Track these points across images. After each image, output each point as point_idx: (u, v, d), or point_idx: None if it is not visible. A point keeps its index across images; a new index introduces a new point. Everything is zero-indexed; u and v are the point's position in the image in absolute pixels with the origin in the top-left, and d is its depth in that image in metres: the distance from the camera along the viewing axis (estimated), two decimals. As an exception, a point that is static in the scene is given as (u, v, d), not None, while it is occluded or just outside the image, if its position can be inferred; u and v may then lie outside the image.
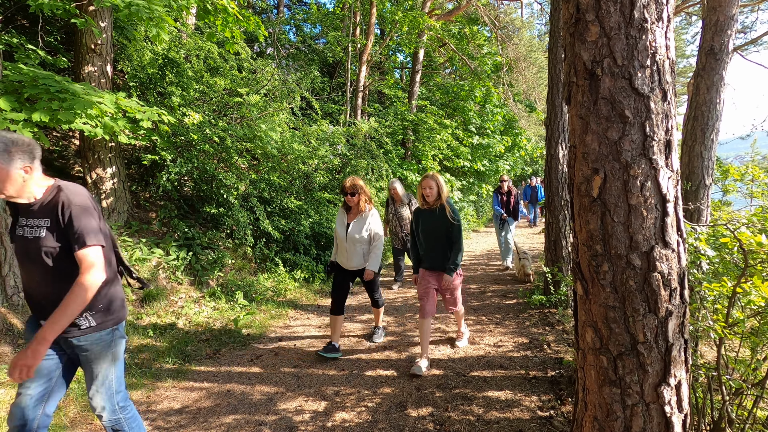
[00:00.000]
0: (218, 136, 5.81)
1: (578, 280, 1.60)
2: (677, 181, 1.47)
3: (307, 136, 7.71)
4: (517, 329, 4.52)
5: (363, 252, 3.79)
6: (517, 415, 2.88)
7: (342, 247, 3.84)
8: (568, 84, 1.54)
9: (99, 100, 3.68)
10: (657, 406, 1.49)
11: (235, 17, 5.31)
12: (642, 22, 1.36)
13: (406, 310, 5.31)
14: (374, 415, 2.90)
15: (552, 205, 5.04)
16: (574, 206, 1.58)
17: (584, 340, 1.61)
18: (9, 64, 3.70)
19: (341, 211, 3.90)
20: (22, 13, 5.83)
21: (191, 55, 6.70)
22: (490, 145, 13.83)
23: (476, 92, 13.46)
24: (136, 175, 5.98)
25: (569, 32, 1.49)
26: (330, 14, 13.50)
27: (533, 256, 8.72)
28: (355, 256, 3.79)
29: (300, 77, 9.55)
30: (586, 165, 1.48)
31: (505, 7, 17.26)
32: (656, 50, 1.37)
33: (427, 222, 3.51)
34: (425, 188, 3.43)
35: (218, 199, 6.04)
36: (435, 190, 3.45)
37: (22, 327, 3.60)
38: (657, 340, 1.46)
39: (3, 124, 3.14)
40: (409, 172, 11.31)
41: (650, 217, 1.41)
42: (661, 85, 1.39)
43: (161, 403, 3.07)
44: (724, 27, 3.54)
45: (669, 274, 1.43)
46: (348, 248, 3.76)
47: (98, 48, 4.82)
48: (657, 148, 1.39)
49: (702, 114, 3.67)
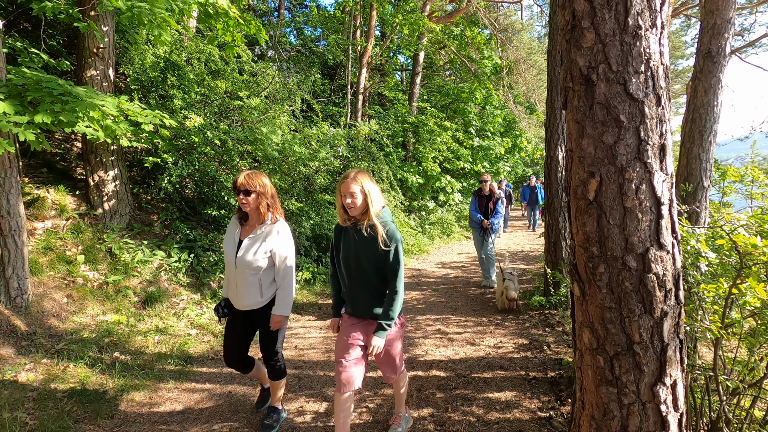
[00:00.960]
0: (219, 139, 5.85)
1: (575, 282, 1.63)
2: (672, 184, 1.49)
3: (308, 138, 7.75)
4: (517, 330, 4.54)
5: (261, 286, 2.57)
6: (517, 415, 2.91)
7: (230, 275, 2.61)
8: (564, 89, 1.57)
9: (101, 103, 3.71)
10: (653, 406, 1.51)
11: (236, 21, 5.35)
12: (636, 29, 1.39)
13: (406, 311, 5.33)
14: (375, 416, 2.92)
15: (552, 206, 5.07)
16: (571, 209, 1.60)
17: (581, 340, 1.64)
18: (12, 67, 3.74)
19: (233, 221, 2.65)
20: (25, 16, 5.88)
21: (192, 58, 6.75)
22: (490, 146, 13.87)
23: (476, 94, 13.51)
24: (137, 178, 6.01)
25: (565, 38, 1.52)
26: (330, 17, 13.56)
27: (534, 257, 8.75)
28: (247, 291, 2.55)
29: (301, 80, 9.60)
30: (583, 168, 1.50)
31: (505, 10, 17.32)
32: (650, 56, 1.40)
33: (350, 247, 2.32)
34: (345, 195, 2.22)
35: (219, 201, 6.08)
36: (360, 198, 2.23)
37: (25, 329, 3.63)
38: (652, 341, 1.48)
39: (6, 127, 3.17)
40: (409, 174, 11.35)
41: (645, 220, 1.44)
42: (655, 91, 1.42)
43: (163, 405, 3.09)
44: (722, 30, 3.57)
45: (664, 276, 1.46)
46: (237, 278, 2.54)
47: (100, 51, 4.86)
48: (651, 152, 1.42)
49: (700, 116, 3.69)
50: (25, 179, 4.85)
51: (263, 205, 2.53)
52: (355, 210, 2.25)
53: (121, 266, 4.68)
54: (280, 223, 2.60)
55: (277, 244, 2.55)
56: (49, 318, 3.85)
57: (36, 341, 3.56)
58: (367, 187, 2.25)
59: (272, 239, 2.54)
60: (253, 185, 2.48)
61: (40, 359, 3.38)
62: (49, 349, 3.52)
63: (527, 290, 6.00)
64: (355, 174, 2.26)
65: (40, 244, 4.37)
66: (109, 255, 4.75)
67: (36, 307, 3.85)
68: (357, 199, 2.23)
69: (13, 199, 3.71)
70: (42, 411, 2.85)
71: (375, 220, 2.26)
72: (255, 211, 2.54)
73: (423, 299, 5.86)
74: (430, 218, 11.80)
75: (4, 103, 3.24)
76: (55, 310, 3.96)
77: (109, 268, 4.66)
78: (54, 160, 5.54)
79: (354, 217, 2.31)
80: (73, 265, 4.41)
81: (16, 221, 3.72)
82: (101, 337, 3.84)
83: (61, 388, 3.11)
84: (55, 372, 3.28)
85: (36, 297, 3.92)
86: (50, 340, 3.65)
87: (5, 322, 3.57)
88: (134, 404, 3.06)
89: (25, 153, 5.09)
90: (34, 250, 4.28)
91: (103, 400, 3.05)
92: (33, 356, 3.39)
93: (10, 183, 3.69)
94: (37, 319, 3.77)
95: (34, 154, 5.23)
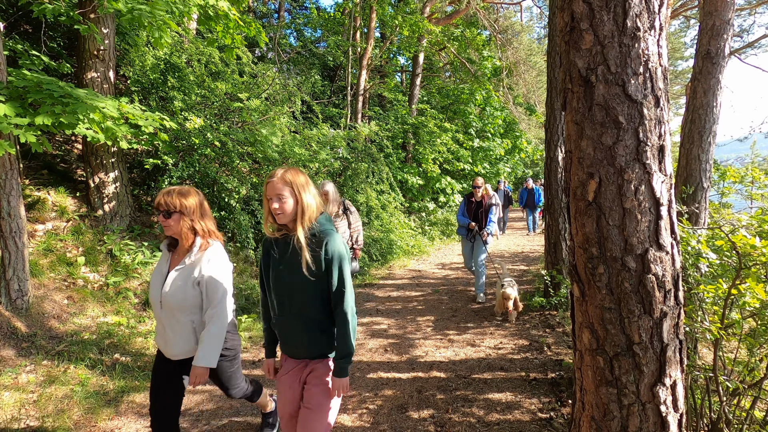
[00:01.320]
0: (219, 140, 5.86)
1: (575, 282, 1.63)
2: (671, 185, 1.50)
3: (308, 139, 7.76)
4: (518, 331, 4.54)
5: (195, 329, 2.07)
6: (518, 416, 2.91)
7: (157, 317, 2.11)
8: (563, 90, 1.57)
9: (102, 105, 3.72)
10: (653, 406, 1.51)
11: (236, 23, 5.36)
12: (635, 30, 1.39)
13: (407, 312, 5.33)
14: (375, 417, 2.92)
15: (552, 207, 5.07)
16: (571, 210, 1.61)
17: (581, 341, 1.64)
18: (13, 69, 3.75)
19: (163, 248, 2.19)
20: (26, 18, 5.89)
21: (193, 59, 6.76)
22: (490, 148, 13.89)
23: (476, 95, 13.54)
24: (138, 179, 6.02)
25: (564, 40, 1.53)
26: (330, 18, 13.60)
27: (534, 258, 8.75)
28: (176, 335, 2.06)
29: (301, 81, 9.62)
30: (582, 169, 1.51)
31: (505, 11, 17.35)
32: (649, 58, 1.41)
33: (280, 266, 1.84)
34: (272, 198, 1.76)
35: (220, 203, 6.08)
36: (290, 202, 1.77)
37: (26, 330, 3.63)
38: (652, 341, 1.48)
39: (7, 129, 3.18)
40: (409, 176, 11.36)
41: (644, 221, 1.44)
42: (653, 92, 1.42)
43: (164, 406, 3.09)
44: (720, 31, 3.58)
45: (663, 276, 1.46)
46: (164, 319, 2.07)
47: (101, 54, 4.88)
48: (650, 153, 1.43)
49: (699, 117, 3.70)
50: (25, 181, 4.85)
51: (186, 227, 2.04)
52: (284, 217, 1.77)
53: (122, 268, 4.69)
54: (212, 249, 2.08)
55: (206, 275, 2.03)
56: (49, 320, 3.86)
57: (36, 343, 3.56)
58: (298, 187, 1.78)
59: (201, 268, 2.04)
60: (174, 204, 2.01)
61: (41, 361, 3.38)
62: (50, 351, 3.52)
63: (527, 291, 6.00)
64: (283, 172, 1.78)
65: (40, 245, 4.38)
66: (110, 256, 4.76)
67: (36, 308, 3.86)
68: (286, 204, 1.75)
69: (14, 201, 3.72)
70: (42, 412, 2.85)
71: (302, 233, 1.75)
72: (180, 235, 2.07)
73: (423, 300, 5.86)
74: (431, 219, 11.81)
75: (5, 105, 3.25)
76: (56, 311, 3.96)
77: (110, 269, 4.66)
78: (54, 161, 5.55)
79: (285, 226, 1.83)
80: (73, 266, 4.41)
81: (16, 223, 3.73)
82: (101, 338, 3.84)
83: (62, 390, 3.11)
84: (55, 373, 3.28)
85: (36, 299, 3.93)
86: (51, 341, 3.65)
87: (6, 323, 3.57)
88: (134, 406, 3.06)
89: (25, 155, 5.09)
90: (35, 251, 4.29)
91: (103, 402, 3.05)
92: (33, 358, 3.39)
93: (10, 185, 3.69)
94: (37, 321, 3.78)
95: (34, 156, 5.24)
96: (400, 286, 6.72)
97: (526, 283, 6.58)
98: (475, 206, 5.54)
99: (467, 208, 5.60)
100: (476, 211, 5.48)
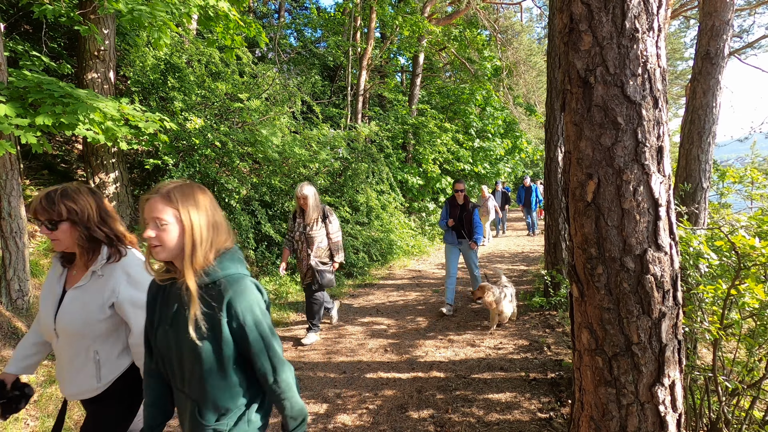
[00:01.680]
0: (220, 141, 5.87)
1: (574, 283, 1.64)
2: (669, 185, 1.50)
3: (308, 140, 7.77)
4: (518, 331, 4.54)
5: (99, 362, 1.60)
6: (517, 416, 2.91)
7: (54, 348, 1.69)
8: (562, 91, 1.58)
9: (102, 106, 3.73)
10: (651, 406, 1.52)
11: (236, 24, 5.37)
12: (633, 31, 1.40)
13: (407, 312, 5.34)
14: (375, 417, 2.93)
15: (552, 207, 5.08)
16: (570, 210, 1.61)
17: (580, 341, 1.64)
18: (14, 70, 3.76)
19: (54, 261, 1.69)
20: (26, 19, 5.90)
21: (193, 60, 6.77)
22: (490, 148, 13.89)
23: (477, 96, 13.54)
24: (138, 179, 6.03)
25: (563, 41, 1.53)
26: (331, 19, 13.61)
27: (534, 258, 8.75)
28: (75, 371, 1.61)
29: (301, 81, 9.63)
30: (581, 170, 1.51)
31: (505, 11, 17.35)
32: (647, 59, 1.41)
33: (168, 322, 1.30)
34: (148, 222, 1.24)
35: (220, 203, 6.09)
36: (173, 233, 1.24)
37: (26, 330, 3.63)
38: (651, 341, 1.49)
39: (8, 129, 3.18)
40: (409, 176, 11.37)
41: (643, 221, 1.45)
42: (652, 93, 1.42)
43: (164, 406, 3.10)
44: (720, 32, 3.58)
45: (662, 277, 1.47)
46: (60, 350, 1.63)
47: (101, 54, 4.88)
48: (649, 154, 1.43)
49: (698, 117, 3.70)
50: (26, 181, 4.86)
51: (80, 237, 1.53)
52: (162, 252, 1.24)
53: (122, 268, 4.68)
54: (128, 258, 1.61)
55: (125, 292, 1.56)
56: (50, 320, 3.86)
57: (37, 343, 3.56)
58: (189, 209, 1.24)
59: (115, 286, 1.56)
60: (58, 212, 1.50)
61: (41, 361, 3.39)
62: (50, 351, 3.52)
63: (527, 291, 6.01)
64: (170, 188, 1.25)
65: (41, 246, 4.38)
66: (110, 257, 4.76)
67: (37, 308, 3.86)
68: (167, 233, 1.23)
69: (15, 201, 3.72)
70: (43, 412, 2.86)
71: (191, 279, 1.22)
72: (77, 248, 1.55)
73: (423, 300, 5.86)
74: (431, 219, 11.82)
75: (6, 106, 3.25)
76: (56, 311, 3.97)
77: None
78: (55, 162, 5.56)
79: (171, 264, 1.31)
80: (73, 266, 4.42)
81: (17, 223, 3.73)
82: (102, 338, 3.84)
83: (62, 390, 3.11)
84: (55, 374, 3.28)
85: (37, 299, 3.93)
86: (51, 341, 3.66)
87: (6, 323, 3.57)
88: (135, 406, 3.06)
89: (26, 155, 5.10)
90: (35, 252, 4.29)
91: (103, 402, 3.06)
92: (34, 358, 3.40)
93: (11, 185, 3.70)
94: (38, 321, 3.78)
95: (35, 156, 5.25)
96: (400, 286, 6.73)
97: (526, 283, 6.58)
98: (459, 210, 5.19)
99: (450, 213, 5.24)
100: (460, 215, 5.17)
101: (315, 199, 4.11)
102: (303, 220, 4.12)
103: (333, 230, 4.22)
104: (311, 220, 4.10)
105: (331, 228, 4.20)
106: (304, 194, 4.02)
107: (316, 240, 4.11)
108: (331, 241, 4.22)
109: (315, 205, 4.10)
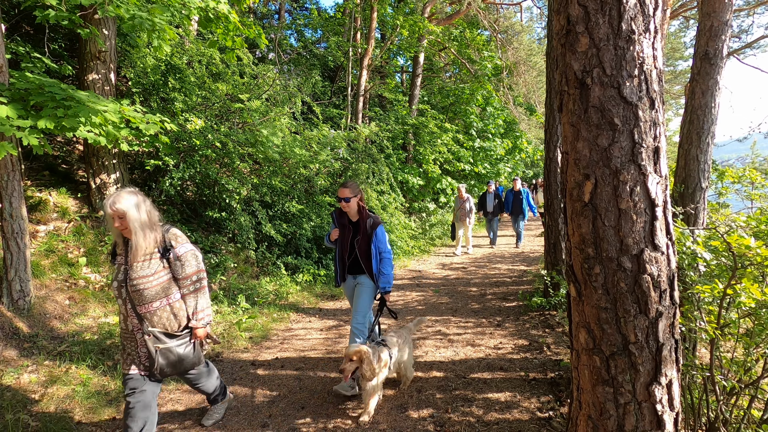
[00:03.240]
0: (220, 141, 5.88)
1: (572, 283, 1.65)
2: (666, 186, 1.51)
3: (309, 140, 7.78)
4: (517, 331, 4.55)
5: None
6: (517, 416, 2.92)
7: None
8: (560, 92, 1.59)
9: (103, 109, 3.74)
10: (649, 405, 1.53)
11: (236, 25, 5.38)
12: (630, 33, 1.41)
13: (407, 312, 5.35)
14: (375, 417, 2.94)
15: (551, 208, 5.08)
16: (567, 210, 1.62)
17: (578, 340, 1.66)
18: (15, 72, 3.77)
19: None
20: (27, 20, 5.92)
21: (193, 61, 6.78)
22: (491, 148, 13.90)
23: (477, 96, 13.55)
24: (139, 180, 6.04)
25: (561, 43, 1.55)
26: (331, 19, 13.63)
27: (534, 258, 8.75)
28: None
29: (301, 82, 9.63)
30: (578, 171, 1.52)
31: (505, 12, 17.35)
32: (644, 60, 1.42)
33: None
34: None
35: (220, 204, 6.11)
36: None
37: (27, 330, 3.65)
38: (648, 341, 1.50)
39: (9, 131, 3.19)
40: (410, 176, 11.38)
41: (640, 221, 1.46)
42: (648, 94, 1.44)
43: (165, 406, 3.11)
44: (718, 32, 3.58)
45: (659, 276, 1.48)
46: None
47: (102, 55, 4.90)
48: (645, 155, 1.44)
49: (697, 118, 3.71)
50: (27, 182, 4.88)
51: None
52: None
53: (123, 268, 4.70)
54: None
55: None
56: (51, 320, 3.88)
57: (38, 343, 3.58)
58: None
59: None
60: None
61: (43, 361, 3.40)
62: (51, 351, 3.54)
63: (527, 291, 6.01)
64: None
65: (42, 246, 4.40)
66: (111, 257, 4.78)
67: (38, 309, 3.88)
68: None
69: (16, 202, 3.74)
70: (44, 412, 2.87)
71: None
72: None
73: (423, 300, 5.87)
74: (431, 220, 11.82)
75: (7, 107, 3.27)
76: (57, 312, 3.98)
77: (111, 270, 4.68)
78: (56, 163, 5.57)
79: None
80: (75, 267, 4.43)
81: (18, 224, 3.75)
82: (103, 339, 3.86)
83: (63, 390, 3.13)
84: (57, 374, 3.30)
85: (38, 299, 3.95)
86: (52, 342, 3.67)
87: (8, 324, 3.59)
88: (136, 405, 3.07)
89: (27, 156, 5.12)
90: (37, 252, 4.31)
91: (104, 402, 3.07)
92: (35, 358, 3.41)
93: (12, 186, 3.72)
94: (39, 322, 3.80)
95: (36, 157, 5.26)
96: (400, 286, 6.73)
97: (526, 284, 6.59)
98: (351, 231, 3.26)
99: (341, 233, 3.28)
100: (352, 239, 3.25)
101: (143, 215, 2.25)
102: (125, 254, 2.31)
103: (187, 266, 2.38)
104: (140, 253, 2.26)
105: (183, 263, 2.37)
106: (118, 209, 2.19)
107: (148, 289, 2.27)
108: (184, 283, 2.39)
109: (143, 226, 2.25)
